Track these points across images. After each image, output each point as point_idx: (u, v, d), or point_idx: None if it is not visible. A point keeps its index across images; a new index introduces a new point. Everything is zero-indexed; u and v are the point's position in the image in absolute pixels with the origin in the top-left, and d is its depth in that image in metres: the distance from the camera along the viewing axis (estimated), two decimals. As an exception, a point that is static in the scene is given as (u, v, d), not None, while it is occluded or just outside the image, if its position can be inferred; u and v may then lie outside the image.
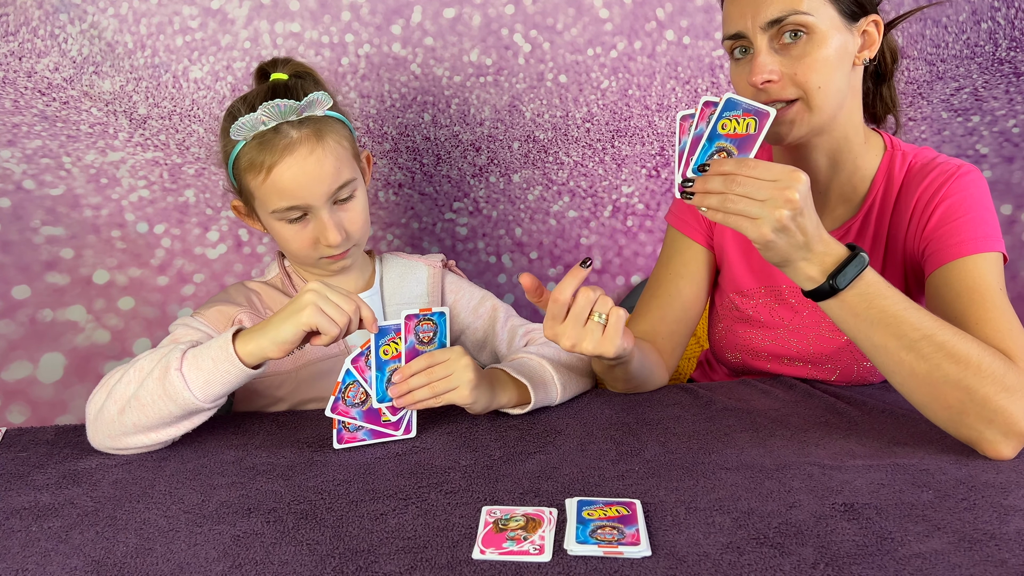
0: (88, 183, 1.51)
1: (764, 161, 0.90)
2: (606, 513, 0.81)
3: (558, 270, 1.74)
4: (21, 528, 0.83)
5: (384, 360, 1.01)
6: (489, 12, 1.58)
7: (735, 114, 0.93)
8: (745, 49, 1.06)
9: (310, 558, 0.75)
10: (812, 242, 0.91)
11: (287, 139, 1.08)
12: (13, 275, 1.48)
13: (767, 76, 1.02)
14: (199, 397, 0.96)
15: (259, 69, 1.22)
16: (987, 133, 1.71)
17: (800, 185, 0.88)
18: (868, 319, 0.93)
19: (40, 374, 1.52)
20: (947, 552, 0.73)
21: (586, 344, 0.97)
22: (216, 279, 1.59)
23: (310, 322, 0.94)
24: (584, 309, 0.97)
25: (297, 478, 0.93)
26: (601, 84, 1.64)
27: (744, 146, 0.93)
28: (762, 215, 0.88)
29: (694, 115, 0.96)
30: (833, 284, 0.92)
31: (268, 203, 1.11)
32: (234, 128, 1.07)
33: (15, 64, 1.44)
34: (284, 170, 1.08)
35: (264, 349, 0.95)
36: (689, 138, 0.96)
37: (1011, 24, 1.64)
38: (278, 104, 1.07)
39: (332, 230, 1.11)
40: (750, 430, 1.04)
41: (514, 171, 1.68)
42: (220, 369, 0.96)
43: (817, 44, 1.01)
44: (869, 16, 1.06)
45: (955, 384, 0.90)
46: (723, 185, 0.90)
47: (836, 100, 1.05)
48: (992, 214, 1.07)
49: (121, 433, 0.99)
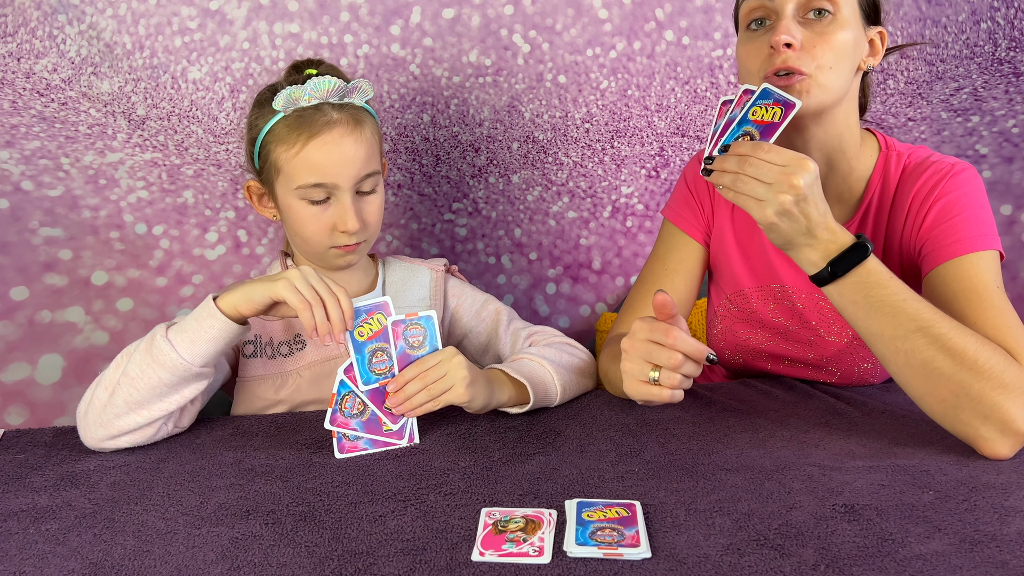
0: (86, 184, 1.51)
1: (777, 147, 0.94)
2: (606, 515, 0.81)
3: (557, 270, 1.74)
4: (19, 530, 0.83)
5: (361, 342, 1.02)
6: (488, 13, 1.58)
7: (766, 102, 0.98)
8: (762, 21, 1.06)
9: (309, 560, 0.75)
10: (815, 228, 0.94)
11: (327, 117, 1.11)
12: (11, 276, 1.48)
13: (789, 39, 1.01)
14: (186, 357, 0.99)
15: (294, 65, 1.21)
16: (987, 133, 1.71)
17: (806, 173, 0.91)
18: (867, 307, 0.94)
19: (38, 375, 1.51)
20: (948, 553, 0.73)
21: (658, 401, 0.93)
22: (215, 280, 1.59)
23: (280, 294, 0.99)
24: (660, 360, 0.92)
25: (296, 480, 0.93)
26: (600, 84, 1.64)
27: (767, 132, 0.98)
28: (767, 197, 0.92)
29: (733, 100, 1.02)
30: (832, 270, 0.94)
31: (295, 177, 1.12)
32: (279, 96, 1.10)
33: (13, 65, 1.43)
34: (320, 145, 1.10)
35: (236, 303, 1.01)
36: (724, 121, 1.01)
37: (1010, 24, 1.64)
38: (328, 79, 1.11)
39: (352, 216, 1.13)
40: (750, 431, 1.04)
41: (513, 172, 1.68)
42: (204, 326, 1.00)
43: (839, 26, 1.03)
44: (878, 27, 1.09)
45: (950, 377, 0.90)
46: (737, 165, 0.95)
47: (841, 86, 1.05)
48: (988, 212, 1.07)
49: (113, 416, 1.00)
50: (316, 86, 1.10)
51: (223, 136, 1.53)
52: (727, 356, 1.32)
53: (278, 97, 1.10)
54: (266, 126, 1.13)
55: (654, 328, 0.92)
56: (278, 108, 1.11)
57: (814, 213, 0.93)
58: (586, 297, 1.76)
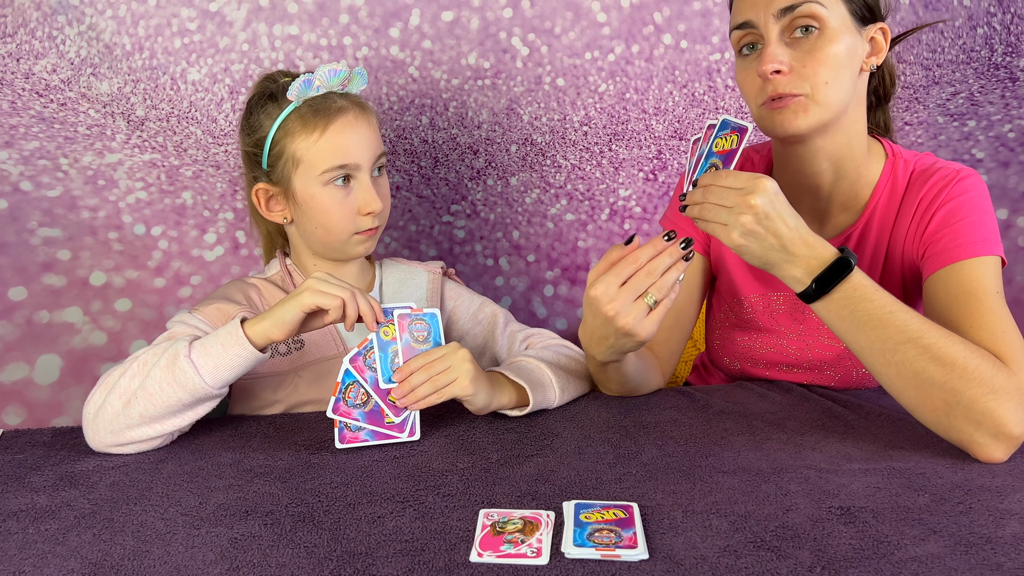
0: (85, 185, 1.51)
1: (735, 171, 0.95)
2: (603, 516, 0.81)
3: (555, 272, 1.74)
4: (18, 530, 0.83)
5: (386, 341, 1.03)
6: (487, 15, 1.58)
7: (725, 132, 1.00)
8: (753, 45, 1.07)
9: (308, 560, 0.75)
10: (789, 244, 0.94)
11: (338, 104, 1.16)
12: (10, 276, 1.48)
13: (776, 66, 1.02)
14: (208, 382, 1.00)
15: (267, 76, 1.23)
16: (983, 138, 1.72)
17: (761, 193, 0.92)
18: (854, 321, 0.94)
19: (36, 376, 1.52)
20: (943, 555, 0.73)
21: (628, 319, 0.96)
22: (213, 281, 1.59)
23: (311, 302, 1.00)
24: (643, 284, 0.96)
25: (294, 480, 0.93)
26: (599, 88, 1.65)
27: (727, 160, 0.99)
28: (729, 221, 0.94)
29: (700, 138, 1.04)
30: (818, 287, 0.94)
31: (319, 163, 1.14)
32: (292, 87, 1.13)
33: (12, 65, 1.44)
34: (340, 128, 1.15)
35: (267, 330, 1.01)
36: (695, 158, 1.03)
37: (1007, 29, 1.65)
38: (333, 69, 1.15)
39: (374, 195, 1.17)
40: (747, 433, 1.04)
41: (512, 174, 1.68)
42: (230, 353, 1.00)
43: (828, 40, 1.02)
44: (877, 23, 1.07)
45: (941, 386, 0.91)
46: (701, 195, 0.96)
47: (842, 99, 1.05)
48: (991, 218, 1.07)
49: (125, 426, 1.00)
50: (322, 75, 1.14)
51: (222, 137, 1.54)
52: (726, 363, 1.32)
53: (292, 87, 1.12)
54: (275, 123, 1.15)
55: (616, 270, 0.96)
56: (292, 98, 1.14)
57: (782, 229, 0.93)
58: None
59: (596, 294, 0.96)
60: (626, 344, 1.01)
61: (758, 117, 1.08)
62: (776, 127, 1.06)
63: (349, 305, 1.01)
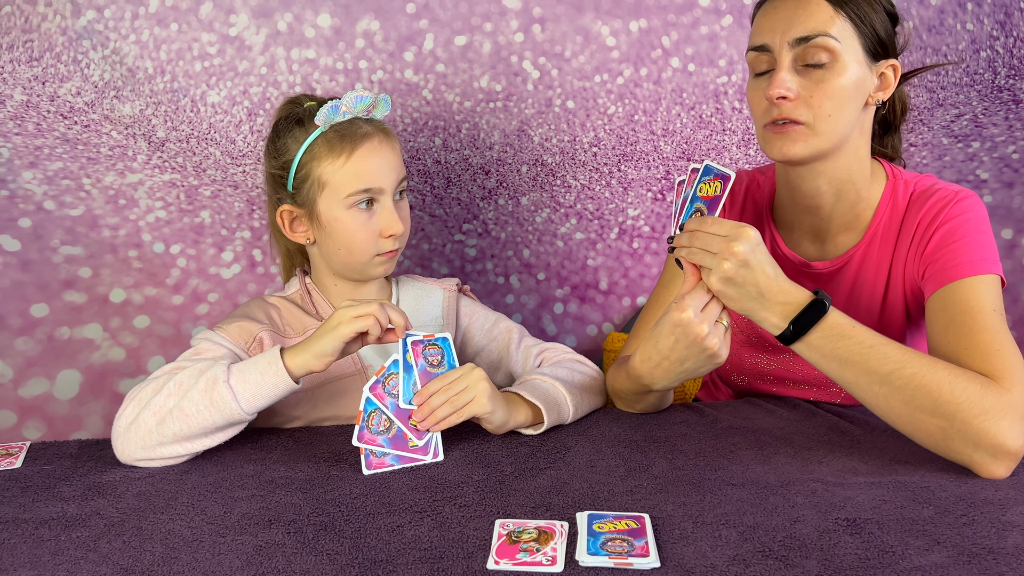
0: (107, 204, 1.54)
1: (720, 219, 1.00)
2: (616, 526, 0.83)
3: (565, 290, 1.77)
4: (50, 537, 0.86)
5: (409, 363, 1.06)
6: (499, 40, 1.62)
7: (709, 178, 1.03)
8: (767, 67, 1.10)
9: (331, 567, 0.78)
10: (767, 292, 0.98)
11: (363, 129, 1.19)
12: (32, 293, 1.51)
13: (783, 92, 1.05)
14: (244, 408, 1.03)
15: (290, 100, 1.27)
16: (987, 159, 1.74)
17: (744, 241, 0.96)
18: (836, 358, 0.97)
19: (56, 391, 1.54)
20: (947, 566, 0.75)
21: (714, 340, 1.02)
22: (230, 298, 1.62)
23: (349, 331, 1.04)
24: (718, 308, 1.03)
25: (315, 491, 0.96)
26: (608, 110, 1.68)
27: (712, 206, 1.03)
28: (712, 265, 0.98)
29: (685, 180, 1.07)
30: (794, 329, 0.97)
31: (345, 187, 1.17)
32: (320, 113, 1.15)
33: (39, 88, 1.48)
34: (366, 153, 1.18)
35: (308, 363, 1.05)
36: (680, 200, 1.07)
37: (1009, 53, 1.68)
38: (360, 95, 1.18)
39: (396, 218, 1.20)
40: (755, 448, 1.06)
41: (522, 194, 1.71)
42: (268, 383, 1.03)
43: (837, 72, 1.05)
44: (889, 59, 1.10)
45: (932, 412, 0.92)
46: (688, 240, 1.01)
47: (842, 131, 1.08)
48: (990, 238, 1.09)
49: (158, 443, 1.02)
50: (349, 101, 1.17)
51: (240, 158, 1.57)
52: (733, 378, 1.34)
53: (320, 113, 1.15)
54: (301, 147, 1.18)
55: (695, 293, 1.02)
56: (319, 123, 1.16)
57: (761, 278, 0.97)
58: (593, 317, 1.79)
59: (688, 317, 1.01)
60: (704, 367, 1.06)
61: (760, 137, 1.12)
62: (773, 150, 1.09)
63: (380, 317, 1.05)
